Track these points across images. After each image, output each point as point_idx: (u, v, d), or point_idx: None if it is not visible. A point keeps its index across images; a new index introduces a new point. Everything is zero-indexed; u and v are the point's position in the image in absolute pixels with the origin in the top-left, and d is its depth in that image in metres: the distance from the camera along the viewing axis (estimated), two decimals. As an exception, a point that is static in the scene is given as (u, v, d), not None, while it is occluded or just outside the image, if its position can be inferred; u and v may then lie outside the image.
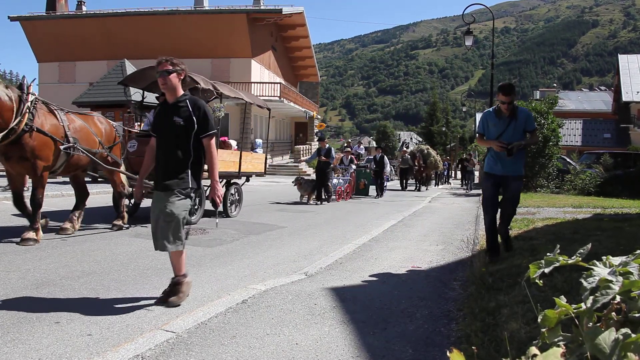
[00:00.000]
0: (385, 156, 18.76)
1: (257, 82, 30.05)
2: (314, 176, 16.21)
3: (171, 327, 3.39)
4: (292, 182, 14.12)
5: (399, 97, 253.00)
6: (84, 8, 33.54)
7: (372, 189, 18.30)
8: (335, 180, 15.31)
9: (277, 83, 30.86)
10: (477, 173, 30.26)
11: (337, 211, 12.13)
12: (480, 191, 19.10)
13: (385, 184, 18.54)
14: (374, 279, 5.00)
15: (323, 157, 14.13)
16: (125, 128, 8.21)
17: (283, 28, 35.50)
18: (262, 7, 30.83)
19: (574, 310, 1.22)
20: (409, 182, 23.93)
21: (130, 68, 18.34)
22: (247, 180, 10.94)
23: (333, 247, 6.99)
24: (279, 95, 29.78)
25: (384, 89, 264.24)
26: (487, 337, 2.97)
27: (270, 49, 34.72)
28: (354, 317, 3.71)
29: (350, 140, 27.11)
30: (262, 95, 29.75)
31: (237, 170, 10.00)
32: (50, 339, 3.28)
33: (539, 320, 1.31)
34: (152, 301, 4.20)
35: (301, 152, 33.81)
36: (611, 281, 1.09)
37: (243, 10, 29.45)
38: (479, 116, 51.18)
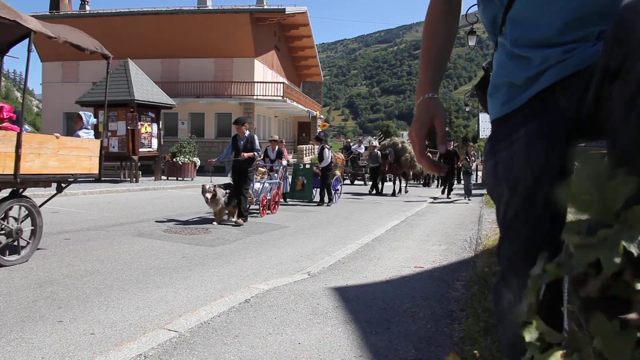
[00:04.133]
0: (326, 149, 13.85)
1: (260, 82, 30.05)
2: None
3: (174, 327, 3.39)
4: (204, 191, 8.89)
5: (402, 97, 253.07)
6: (87, 7, 33.63)
7: (324, 194, 13.52)
8: (257, 185, 10.65)
9: (280, 83, 30.85)
10: (479, 173, 30.06)
11: (340, 211, 12.13)
12: (484, 191, 19.02)
13: (337, 186, 14.26)
14: (377, 278, 5.00)
15: (243, 154, 9.04)
16: (129, 127, 7.62)
17: (286, 28, 35.50)
18: (265, 7, 30.84)
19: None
20: (383, 183, 19.57)
21: (133, 68, 18.37)
22: (59, 190, 6.43)
23: (336, 247, 6.99)
24: (282, 94, 29.77)
25: (387, 88, 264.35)
26: (489, 338, 2.96)
27: (274, 48, 34.72)
28: (357, 316, 3.71)
29: (349, 140, 22.27)
30: (265, 95, 29.76)
31: (10, 173, 5.18)
32: (53, 337, 3.28)
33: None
34: (155, 300, 4.21)
35: (304, 152, 33.82)
36: None
37: (246, 10, 29.45)
38: (482, 116, 50.86)
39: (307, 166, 14.39)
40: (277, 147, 12.32)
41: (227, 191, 9.23)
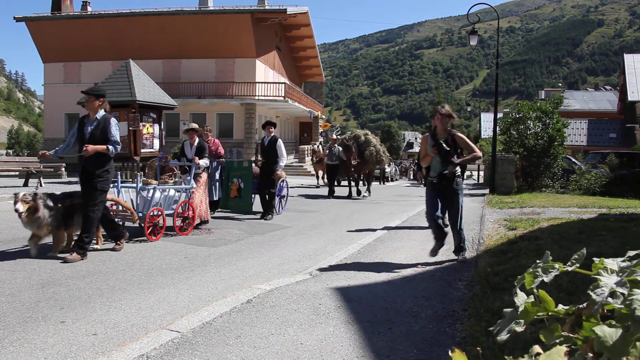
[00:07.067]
0: (279, 140, 10.24)
1: (262, 82, 30.05)
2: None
3: (176, 327, 3.39)
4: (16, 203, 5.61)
5: (403, 97, 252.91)
6: (89, 8, 33.65)
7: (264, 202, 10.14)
8: (146, 194, 7.42)
9: (281, 83, 30.85)
10: (481, 173, 30.02)
11: (341, 211, 12.11)
12: (486, 191, 18.94)
13: (283, 191, 11.23)
14: (379, 278, 4.99)
15: (87, 147, 5.79)
16: (131, 128, 7.31)
17: (287, 28, 35.49)
18: (266, 7, 30.83)
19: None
20: (343, 183, 17.34)
21: (135, 68, 18.38)
22: None
23: (338, 247, 6.98)
24: (283, 95, 29.77)
25: (388, 88, 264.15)
26: (491, 338, 2.96)
27: (275, 49, 34.72)
28: (359, 316, 3.71)
29: (335, 137, 18.82)
30: (267, 95, 29.79)
31: None
32: (56, 338, 3.29)
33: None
34: (157, 301, 4.21)
35: (306, 152, 33.83)
36: (624, 294, 1.07)
37: (247, 11, 29.45)
38: (484, 116, 50.62)
39: (246, 164, 10.90)
40: (196, 139, 8.73)
41: (60, 205, 5.97)
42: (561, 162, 17.58)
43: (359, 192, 16.29)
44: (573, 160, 20.76)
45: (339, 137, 18.14)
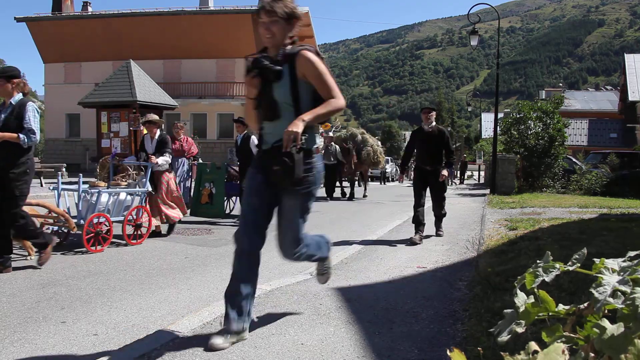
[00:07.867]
0: (252, 136, 8.81)
1: (262, 82, 30.10)
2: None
3: (177, 327, 3.39)
4: None
5: (404, 97, 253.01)
6: (89, 9, 33.70)
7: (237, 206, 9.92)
8: (90, 197, 6.41)
9: (282, 83, 30.89)
10: (482, 173, 30.03)
11: (342, 211, 12.12)
12: (486, 191, 18.95)
13: None
14: (380, 279, 4.99)
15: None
16: (132, 128, 7.15)
17: (288, 28, 35.55)
18: (267, 8, 30.87)
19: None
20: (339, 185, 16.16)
21: (135, 68, 18.39)
22: None
23: (338, 247, 6.98)
24: (284, 95, 29.82)
25: (389, 89, 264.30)
26: (492, 338, 2.95)
27: (275, 49, 34.77)
28: (360, 317, 3.70)
29: (332, 133, 17.61)
30: (267, 96, 29.81)
31: None
32: (57, 338, 3.29)
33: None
34: (158, 301, 4.21)
35: (306, 152, 33.86)
36: (626, 292, 1.07)
37: (248, 11, 29.48)
38: (484, 116, 50.85)
39: (218, 167, 9.93)
40: (157, 132, 7.52)
41: None
42: (562, 162, 17.58)
43: (351, 196, 15.79)
44: (574, 160, 20.76)
45: (333, 135, 17.42)
